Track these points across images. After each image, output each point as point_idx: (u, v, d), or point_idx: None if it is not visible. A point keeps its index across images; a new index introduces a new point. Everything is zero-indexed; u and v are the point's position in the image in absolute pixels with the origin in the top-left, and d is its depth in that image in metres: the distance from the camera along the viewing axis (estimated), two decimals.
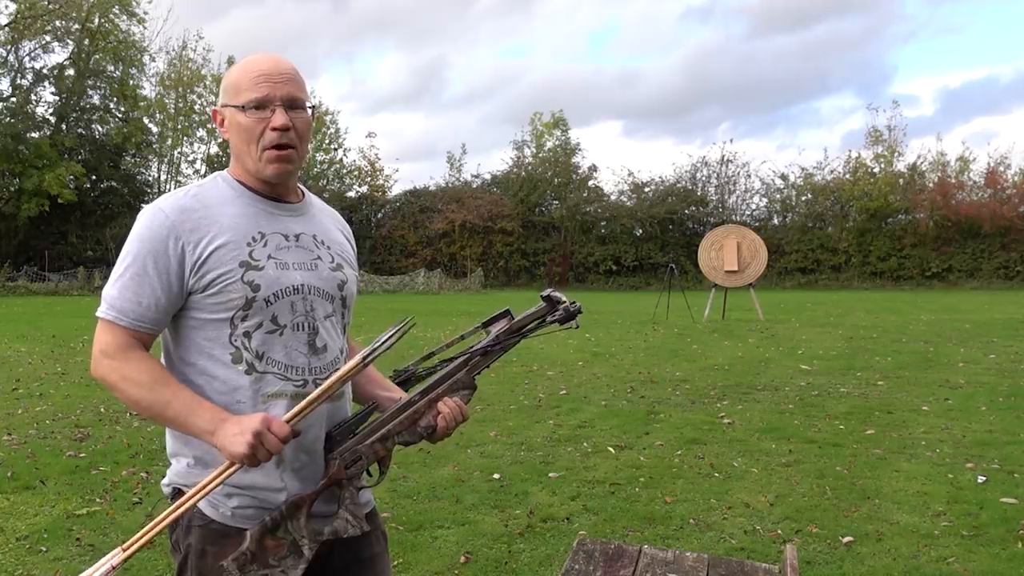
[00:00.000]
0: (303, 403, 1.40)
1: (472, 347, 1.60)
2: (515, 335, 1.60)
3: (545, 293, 1.62)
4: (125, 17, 39.66)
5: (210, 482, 1.42)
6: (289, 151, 1.49)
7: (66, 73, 39.42)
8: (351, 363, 1.43)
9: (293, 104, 1.48)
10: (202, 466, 1.49)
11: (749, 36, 78.83)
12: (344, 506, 1.48)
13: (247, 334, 1.46)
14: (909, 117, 72.83)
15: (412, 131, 74.90)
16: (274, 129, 1.46)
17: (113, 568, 1.40)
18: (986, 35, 77.65)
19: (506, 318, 1.65)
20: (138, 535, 1.43)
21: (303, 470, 1.50)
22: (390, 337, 1.42)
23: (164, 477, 1.58)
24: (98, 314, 1.46)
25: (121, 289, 1.45)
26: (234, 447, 1.35)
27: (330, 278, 1.56)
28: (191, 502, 1.42)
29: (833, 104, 77.58)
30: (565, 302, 1.59)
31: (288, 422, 1.38)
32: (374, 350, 1.41)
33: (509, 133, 76.84)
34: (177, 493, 1.53)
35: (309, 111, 1.53)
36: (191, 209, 1.47)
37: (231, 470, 1.40)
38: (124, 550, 1.43)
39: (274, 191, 1.55)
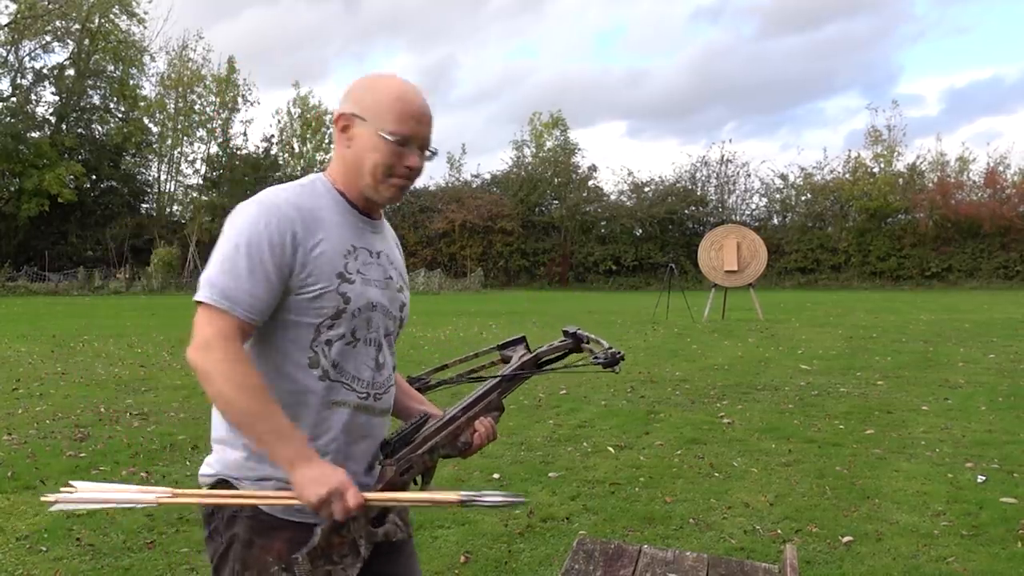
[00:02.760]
0: (390, 495, 1.44)
1: (503, 372, 1.70)
2: (542, 366, 1.72)
3: (571, 330, 1.76)
4: (125, 17, 39.75)
5: (272, 497, 1.45)
6: (408, 184, 1.55)
7: (66, 73, 39.48)
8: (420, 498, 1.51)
9: (426, 146, 1.54)
10: (257, 460, 1.48)
11: (759, 36, 78.94)
12: (396, 511, 1.55)
13: (329, 342, 1.49)
14: (914, 117, 73.01)
15: None
16: (408, 168, 1.51)
17: (153, 503, 1.44)
18: (992, 35, 77.74)
19: (522, 344, 1.78)
20: (193, 492, 1.47)
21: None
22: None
23: (207, 465, 1.55)
24: (205, 300, 1.40)
25: (235, 278, 1.40)
26: (307, 492, 1.38)
27: (395, 299, 1.61)
28: (247, 501, 1.45)
29: (838, 104, 77.73)
30: (601, 343, 1.71)
31: (367, 500, 1.41)
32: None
33: (517, 133, 76.72)
34: (222, 483, 1.51)
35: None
36: (306, 208, 1.48)
37: (290, 501, 1.42)
38: (175, 495, 1.45)
39: (367, 208, 1.57)
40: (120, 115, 41.17)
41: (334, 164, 1.57)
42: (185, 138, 41.90)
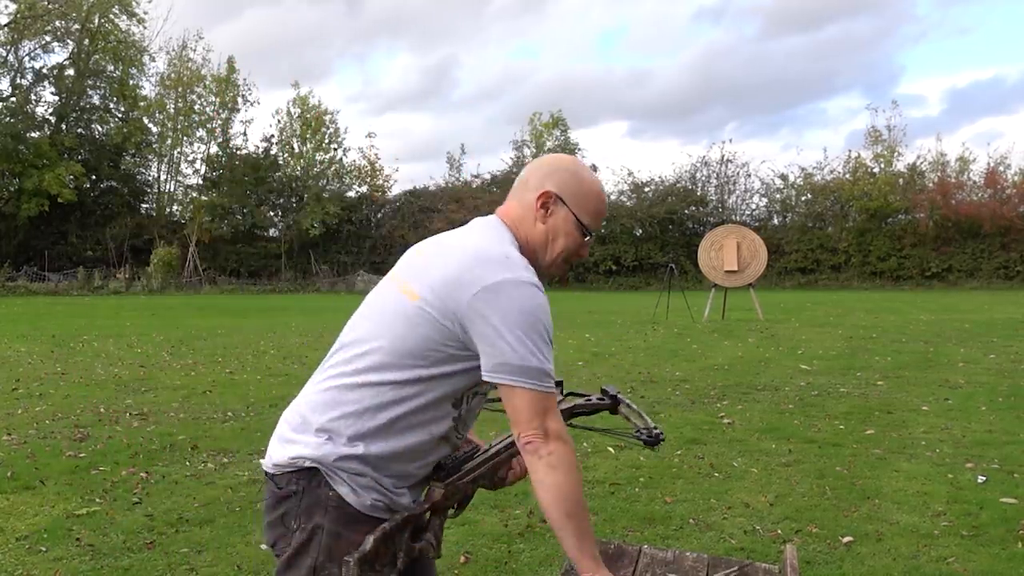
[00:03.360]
0: None
1: None
2: (574, 417, 1.85)
3: (612, 391, 1.87)
4: (125, 17, 39.71)
5: None
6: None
7: (66, 73, 39.47)
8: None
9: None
10: (359, 461, 1.52)
11: (760, 36, 78.54)
12: (432, 530, 1.60)
13: (474, 394, 1.60)
14: (916, 117, 72.51)
15: (420, 131, 74.37)
16: (580, 255, 1.68)
17: None
18: (993, 36, 77.47)
19: (559, 388, 1.87)
20: None
21: (417, 488, 1.63)
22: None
23: (300, 445, 1.54)
24: (541, 389, 1.48)
25: (551, 361, 1.50)
26: None
27: None
28: None
29: (840, 104, 77.48)
30: (643, 417, 1.86)
31: None
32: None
33: (517, 133, 76.42)
34: (312, 471, 1.52)
35: None
36: None
37: None
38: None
39: None
40: (120, 115, 41.15)
41: (520, 226, 1.64)
42: (185, 138, 41.86)
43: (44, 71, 39.56)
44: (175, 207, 42.97)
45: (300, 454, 1.53)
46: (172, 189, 43.12)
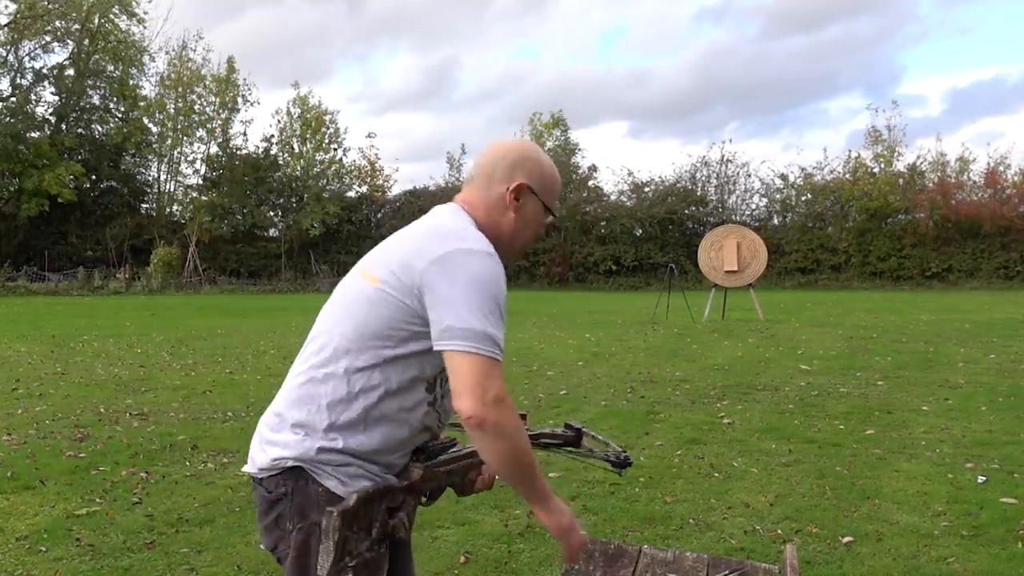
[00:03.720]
0: None
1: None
2: (536, 444, 1.84)
3: (576, 426, 1.87)
4: (125, 17, 39.71)
5: None
6: None
7: (66, 73, 39.48)
8: None
9: None
10: (343, 454, 1.51)
11: (762, 36, 78.54)
12: (406, 510, 1.59)
13: (448, 378, 1.57)
14: (916, 117, 72.39)
15: (420, 131, 74.38)
16: (540, 237, 1.65)
17: None
18: (994, 36, 77.47)
19: (523, 420, 1.89)
20: None
21: (401, 473, 1.62)
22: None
23: (279, 447, 1.53)
24: (485, 352, 1.42)
25: (500, 329, 1.47)
26: (575, 536, 1.62)
27: None
28: None
29: (841, 104, 77.41)
30: (609, 445, 1.87)
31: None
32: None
33: (517, 134, 75.96)
34: (296, 470, 1.51)
35: None
36: None
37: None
38: None
39: None
40: (120, 115, 41.15)
41: (488, 215, 1.63)
42: (185, 138, 41.84)
43: (44, 71, 39.61)
44: (175, 207, 42.97)
45: (281, 455, 1.52)
46: (172, 189, 43.14)
